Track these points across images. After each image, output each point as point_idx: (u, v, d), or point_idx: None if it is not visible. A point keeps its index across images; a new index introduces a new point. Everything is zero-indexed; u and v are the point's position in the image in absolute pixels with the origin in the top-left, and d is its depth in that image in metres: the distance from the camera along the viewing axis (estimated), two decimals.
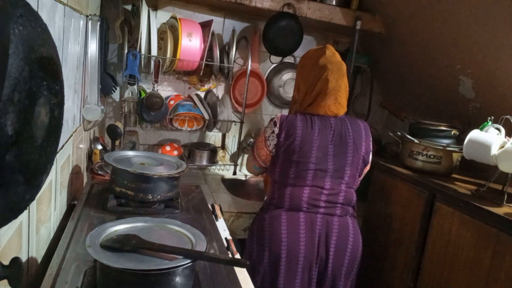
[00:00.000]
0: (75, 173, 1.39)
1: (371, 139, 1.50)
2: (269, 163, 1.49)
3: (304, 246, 1.40)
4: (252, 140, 2.37)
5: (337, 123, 1.43)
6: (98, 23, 1.37)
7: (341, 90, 1.43)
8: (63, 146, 1.13)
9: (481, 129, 1.52)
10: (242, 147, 2.35)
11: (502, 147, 1.42)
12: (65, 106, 0.73)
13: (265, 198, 1.56)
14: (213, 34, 1.96)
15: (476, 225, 1.37)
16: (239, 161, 2.40)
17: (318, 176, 1.41)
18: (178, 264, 0.75)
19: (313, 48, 1.55)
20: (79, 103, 1.39)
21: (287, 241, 1.39)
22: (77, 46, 1.27)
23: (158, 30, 1.90)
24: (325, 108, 1.43)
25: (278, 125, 1.42)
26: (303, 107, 1.47)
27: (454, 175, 1.78)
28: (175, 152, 2.05)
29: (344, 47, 2.38)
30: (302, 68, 1.52)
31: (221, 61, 2.02)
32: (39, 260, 0.97)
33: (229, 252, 1.11)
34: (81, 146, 1.50)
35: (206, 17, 2.14)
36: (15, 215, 0.57)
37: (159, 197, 1.23)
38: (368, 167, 1.54)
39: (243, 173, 2.36)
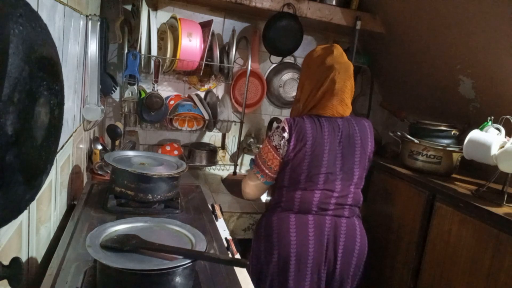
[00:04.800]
0: (75, 173, 1.39)
1: (373, 138, 1.50)
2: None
3: (313, 248, 1.39)
4: (252, 140, 2.37)
5: (344, 124, 1.41)
6: (98, 23, 1.37)
7: (347, 91, 1.41)
8: (63, 146, 1.13)
9: (481, 129, 1.52)
10: (242, 147, 2.34)
11: (502, 147, 1.41)
12: (65, 106, 0.73)
13: (266, 199, 1.53)
14: (213, 34, 1.96)
15: (476, 225, 1.37)
16: (239, 161, 2.40)
17: (329, 180, 1.39)
18: (178, 264, 0.74)
19: (320, 45, 1.50)
20: (79, 103, 1.39)
21: (296, 243, 1.38)
22: (77, 46, 1.27)
23: (158, 30, 1.90)
24: (332, 109, 1.40)
25: (287, 130, 1.37)
26: (307, 109, 1.43)
27: (454, 175, 1.78)
28: (175, 152, 2.05)
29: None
30: (307, 66, 1.47)
31: (221, 61, 2.02)
32: (39, 260, 0.97)
33: (229, 252, 1.11)
34: (81, 146, 1.50)
35: (206, 17, 2.14)
36: (15, 215, 0.57)
37: (159, 197, 1.23)
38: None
39: (243, 173, 2.36)
